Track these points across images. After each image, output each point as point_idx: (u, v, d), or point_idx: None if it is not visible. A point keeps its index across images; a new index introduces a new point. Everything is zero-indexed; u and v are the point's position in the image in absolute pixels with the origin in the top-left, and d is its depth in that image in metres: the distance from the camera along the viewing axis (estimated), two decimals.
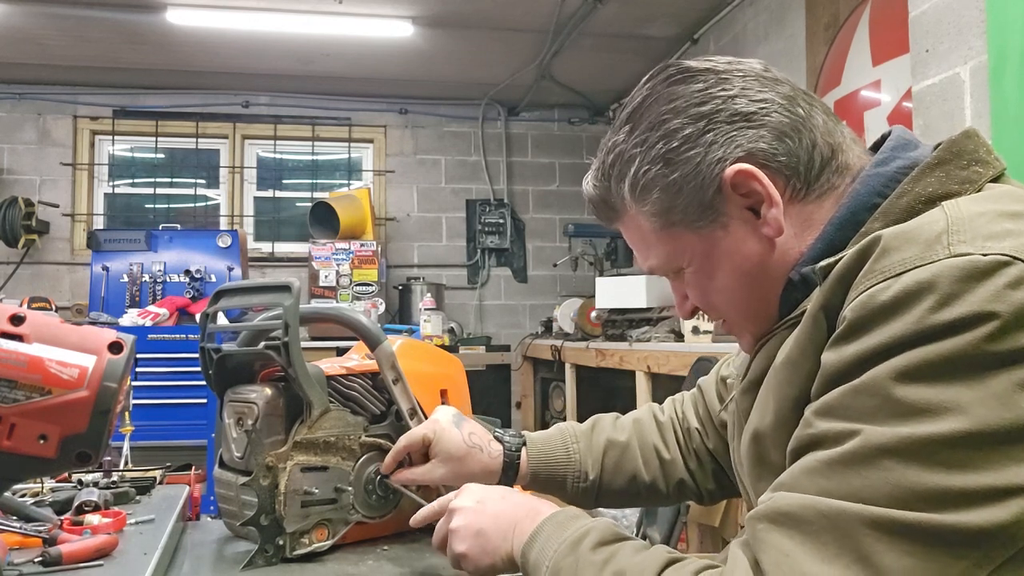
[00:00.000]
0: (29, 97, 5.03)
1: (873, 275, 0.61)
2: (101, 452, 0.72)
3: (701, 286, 0.81)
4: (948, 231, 0.60)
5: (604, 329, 3.97)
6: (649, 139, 0.77)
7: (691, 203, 0.76)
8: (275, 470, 1.05)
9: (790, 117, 0.75)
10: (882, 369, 0.58)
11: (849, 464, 0.58)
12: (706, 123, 0.75)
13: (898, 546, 0.54)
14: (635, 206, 0.80)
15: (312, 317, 1.32)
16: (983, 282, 0.56)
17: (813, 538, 0.57)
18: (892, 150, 0.75)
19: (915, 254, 0.60)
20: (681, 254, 0.80)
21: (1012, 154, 1.58)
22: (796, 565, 0.57)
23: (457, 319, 5.36)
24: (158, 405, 3.54)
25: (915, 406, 0.56)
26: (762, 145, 0.74)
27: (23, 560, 0.93)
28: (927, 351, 0.56)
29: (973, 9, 1.70)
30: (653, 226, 0.79)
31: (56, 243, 5.03)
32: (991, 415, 0.54)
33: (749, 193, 0.74)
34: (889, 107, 2.83)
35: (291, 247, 5.37)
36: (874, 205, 0.71)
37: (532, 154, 5.71)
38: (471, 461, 1.06)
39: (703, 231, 0.77)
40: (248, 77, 5.06)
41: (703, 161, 0.74)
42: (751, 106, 0.75)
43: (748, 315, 0.81)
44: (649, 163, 0.77)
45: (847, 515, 0.56)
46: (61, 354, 0.69)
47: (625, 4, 3.92)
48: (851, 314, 0.61)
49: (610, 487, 1.10)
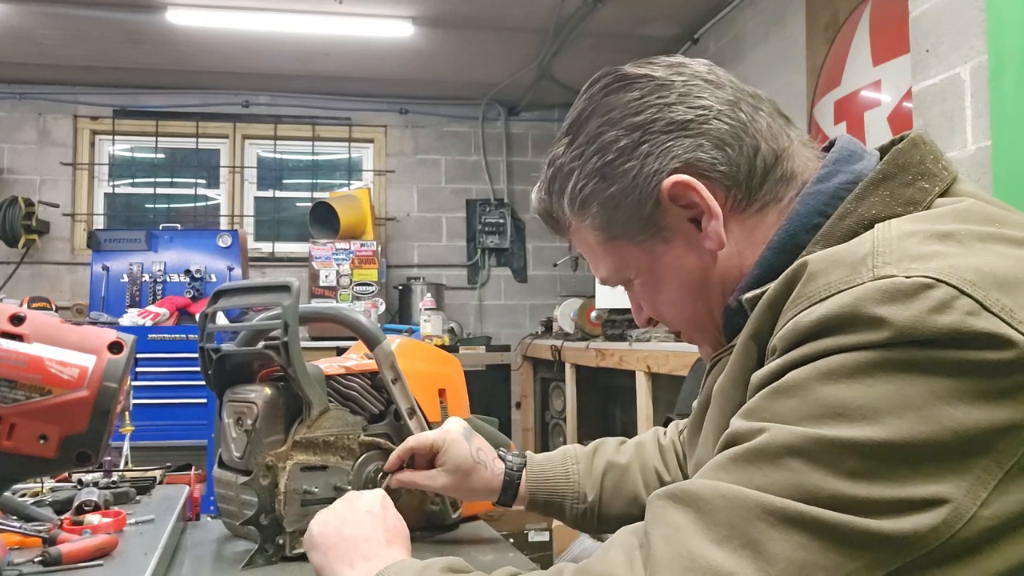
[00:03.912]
0: (29, 97, 5.03)
1: (800, 300, 0.60)
2: (101, 452, 0.72)
3: (649, 298, 0.80)
4: (873, 252, 0.59)
5: (604, 329, 3.97)
6: (585, 153, 0.74)
7: (631, 217, 0.74)
8: (275, 469, 1.05)
9: (730, 124, 0.71)
10: (804, 371, 0.57)
11: (753, 460, 0.56)
12: (641, 134, 0.72)
13: (791, 537, 0.53)
14: (576, 220, 0.78)
15: (311, 317, 1.33)
16: (906, 303, 0.54)
17: (707, 517, 0.56)
18: (835, 163, 0.71)
19: (839, 277, 0.58)
20: (627, 267, 0.78)
21: (1012, 154, 1.58)
22: (684, 540, 0.56)
23: (457, 319, 5.36)
24: (158, 405, 3.54)
25: (831, 408, 0.54)
26: (700, 155, 0.71)
27: (23, 560, 0.93)
28: (849, 357, 0.55)
29: (973, 9, 1.70)
30: (597, 239, 0.78)
31: (56, 243, 5.03)
32: (906, 427, 0.52)
33: (689, 204, 0.72)
34: (889, 107, 2.83)
35: (291, 247, 5.37)
36: (815, 226, 0.68)
37: (532, 154, 5.71)
38: (475, 476, 1.06)
39: (645, 244, 0.75)
40: (248, 77, 5.06)
41: (639, 174, 0.72)
42: (688, 114, 0.71)
43: (698, 327, 0.79)
44: (586, 178, 0.75)
45: (746, 500, 0.55)
46: (61, 354, 0.69)
47: (625, 4, 3.91)
48: (780, 343, 0.60)
49: (610, 510, 1.08)
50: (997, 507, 0.52)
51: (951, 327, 0.53)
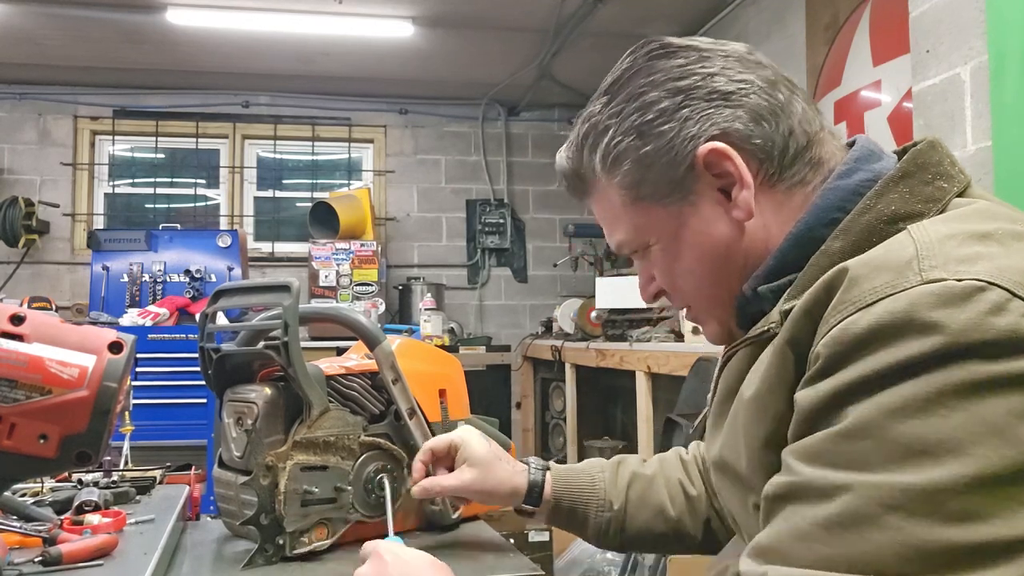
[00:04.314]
0: (29, 97, 5.03)
1: (844, 306, 0.58)
2: (101, 452, 0.72)
3: (667, 266, 0.79)
4: (918, 256, 0.58)
5: (604, 329, 3.97)
6: (625, 110, 0.75)
7: (662, 178, 0.74)
8: (275, 469, 1.05)
9: (769, 101, 0.73)
10: (869, 408, 0.54)
11: (849, 526, 0.52)
12: (683, 98, 0.73)
13: None
14: (606, 177, 0.78)
15: (312, 317, 1.33)
16: (960, 307, 0.53)
17: None
18: (855, 161, 0.72)
19: (886, 281, 0.57)
20: (649, 230, 0.77)
21: (1012, 154, 1.58)
22: None
23: (457, 319, 5.35)
24: (158, 405, 3.54)
25: (911, 448, 0.52)
26: (738, 126, 0.72)
27: (23, 560, 0.93)
28: (915, 386, 0.52)
29: (973, 9, 1.70)
30: (623, 199, 0.77)
31: (56, 243, 5.03)
32: (993, 455, 0.50)
33: (721, 174, 0.73)
34: (889, 107, 2.83)
35: (291, 247, 5.37)
36: (833, 220, 0.69)
37: (532, 154, 5.71)
38: (498, 468, 1.04)
39: (672, 208, 0.75)
40: (248, 77, 5.06)
41: (677, 136, 0.73)
42: (730, 85, 0.73)
43: (713, 301, 0.78)
44: (622, 134, 0.75)
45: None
46: (61, 354, 0.69)
47: (625, 4, 3.91)
48: (825, 350, 0.58)
49: (635, 521, 1.05)
50: None
51: (1009, 330, 0.52)
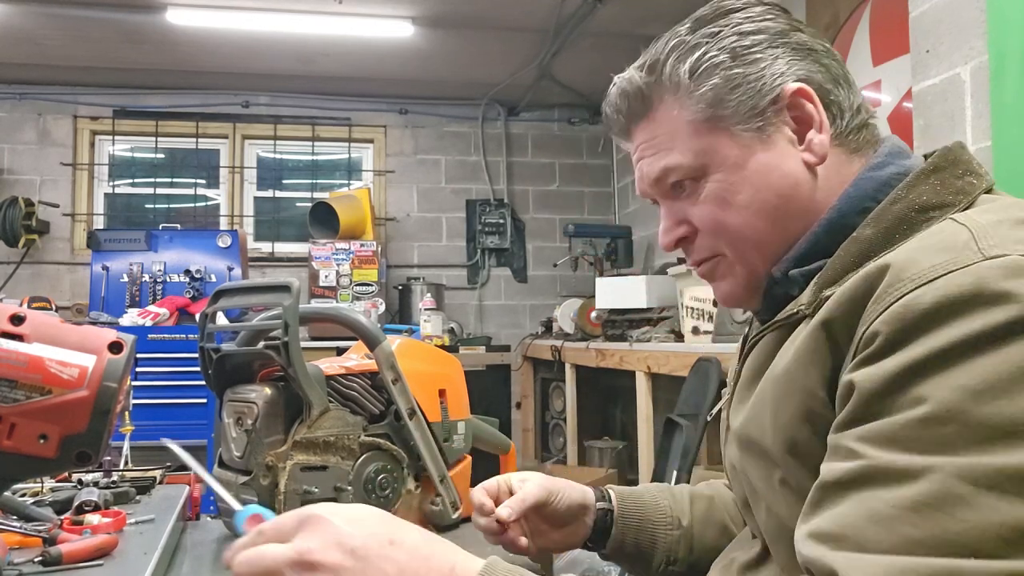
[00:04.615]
0: (29, 97, 5.03)
1: (901, 284, 0.57)
2: (101, 452, 0.72)
3: (720, 199, 0.75)
4: (975, 237, 0.58)
5: (604, 329, 3.97)
6: (723, 32, 0.76)
7: (744, 103, 0.74)
8: (275, 469, 1.05)
9: (842, 71, 0.77)
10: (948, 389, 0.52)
11: (940, 507, 0.49)
12: (777, 39, 0.76)
13: None
14: (684, 91, 0.76)
15: (312, 317, 1.33)
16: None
17: None
18: (887, 156, 0.75)
19: (947, 259, 0.56)
20: (713, 155, 0.75)
21: (1012, 154, 1.58)
22: None
23: (457, 319, 5.35)
24: (158, 405, 3.54)
25: (1001, 428, 0.49)
26: (820, 78, 0.75)
27: (23, 560, 0.93)
28: (995, 361, 0.51)
29: (973, 9, 1.70)
30: (695, 117, 0.76)
31: (56, 243, 5.02)
32: None
33: (800, 117, 0.75)
34: (889, 107, 2.83)
35: (291, 247, 5.37)
36: (865, 209, 0.70)
37: (532, 154, 5.71)
38: (559, 479, 0.99)
39: (744, 137, 0.75)
40: (248, 77, 5.06)
41: (768, 67, 0.75)
42: (816, 45, 0.77)
43: (756, 247, 0.76)
44: (718, 51, 0.76)
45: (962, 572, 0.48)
46: (61, 354, 0.69)
47: (625, 4, 3.91)
48: (885, 327, 0.56)
49: (703, 538, 1.00)
50: None
51: None
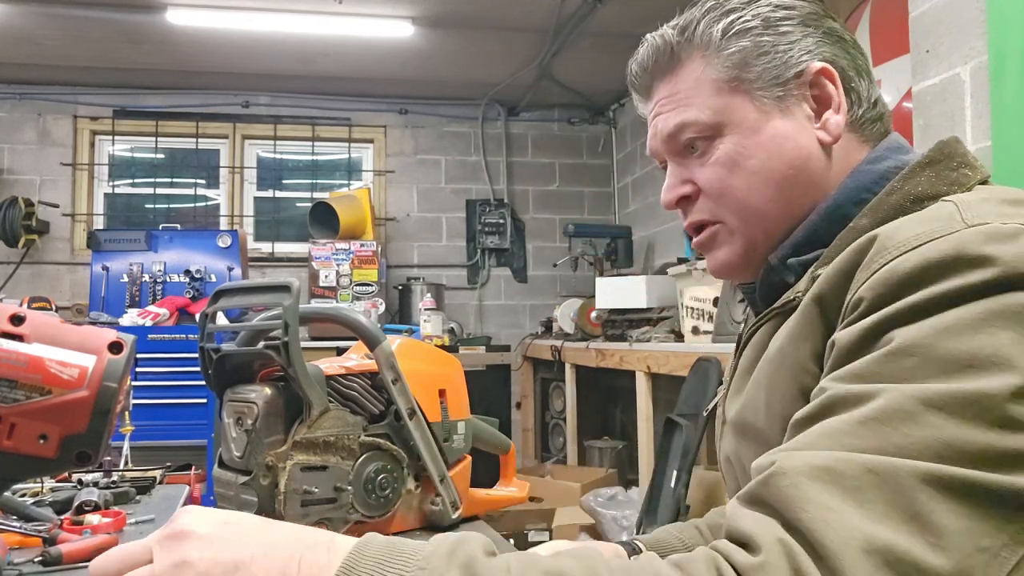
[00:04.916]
0: (29, 97, 5.03)
1: (886, 252, 0.60)
2: (101, 452, 0.72)
3: (733, 162, 0.78)
4: (959, 210, 0.61)
5: (604, 329, 3.97)
6: (761, 2, 0.80)
7: (769, 71, 0.78)
8: (275, 469, 1.05)
9: (866, 64, 0.81)
10: (917, 328, 0.54)
11: (885, 421, 0.52)
12: (810, 19, 0.79)
13: (953, 505, 0.49)
14: (713, 49, 0.79)
15: (312, 317, 1.33)
16: (1011, 243, 0.55)
17: (857, 494, 0.50)
18: (886, 150, 0.78)
19: (931, 228, 0.59)
20: (730, 114, 0.78)
21: (1012, 154, 1.58)
22: (847, 520, 0.49)
23: (457, 319, 5.35)
24: (158, 405, 3.54)
25: (959, 362, 0.52)
26: (844, 64, 0.79)
27: (23, 560, 0.93)
28: (965, 310, 0.54)
29: (973, 9, 1.70)
30: (719, 76, 0.79)
31: (56, 243, 5.02)
32: None
33: (820, 97, 0.78)
34: (889, 107, 2.82)
35: (291, 247, 5.37)
36: (862, 200, 0.73)
37: (532, 154, 5.71)
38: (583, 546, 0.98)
39: (765, 103, 0.78)
40: (248, 77, 5.06)
41: (797, 42, 0.78)
42: (845, 35, 0.81)
43: (763, 215, 0.78)
44: (752, 16, 0.79)
45: (894, 469, 0.50)
46: (61, 354, 0.69)
47: (625, 4, 3.91)
48: (869, 292, 0.59)
49: None
50: None
51: None
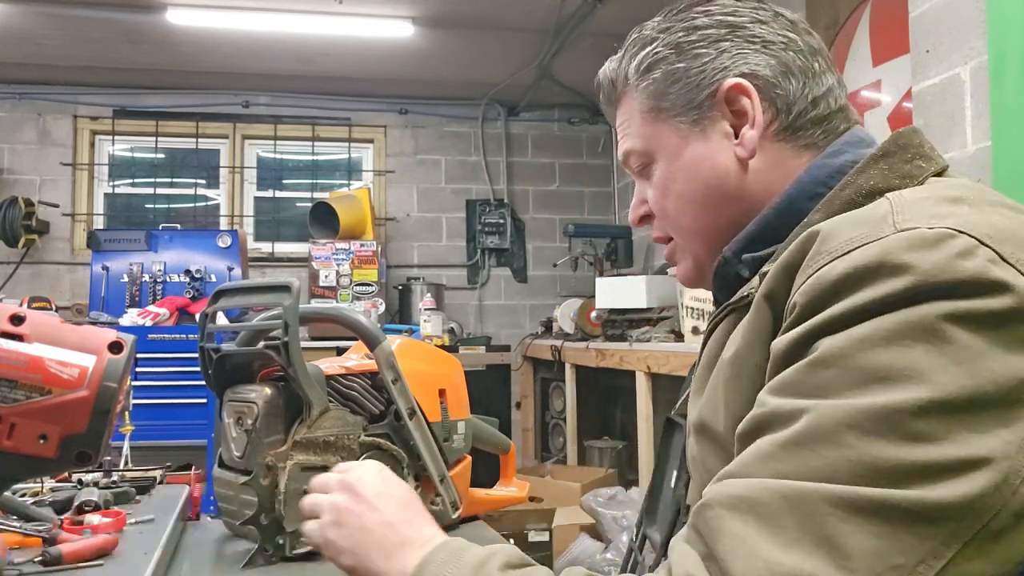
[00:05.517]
0: (29, 97, 5.03)
1: (820, 257, 0.61)
2: (101, 452, 0.72)
3: (664, 186, 0.82)
4: (892, 212, 0.61)
5: (604, 329, 3.97)
6: (673, 28, 0.81)
7: (683, 96, 0.79)
8: (275, 469, 1.05)
9: (803, 63, 0.78)
10: (838, 339, 0.56)
11: (804, 443, 0.55)
12: (727, 32, 0.79)
13: (863, 526, 0.51)
14: (635, 81, 0.83)
15: (312, 317, 1.33)
16: (931, 250, 0.56)
17: (771, 521, 0.53)
18: (844, 144, 0.77)
19: (862, 233, 0.60)
20: (656, 144, 0.82)
21: (1012, 154, 1.58)
22: (754, 550, 0.53)
23: (457, 319, 5.35)
24: (158, 405, 3.54)
25: (874, 373, 0.54)
26: (766, 72, 0.77)
27: (23, 560, 0.93)
28: (884, 320, 0.55)
29: (973, 9, 1.70)
30: (642, 107, 0.82)
31: (56, 243, 5.02)
32: (952, 383, 0.52)
33: (737, 111, 0.78)
34: (889, 107, 2.83)
35: (291, 247, 5.37)
36: (816, 195, 0.73)
37: (532, 154, 5.70)
38: None
39: (682, 128, 0.80)
40: (248, 77, 5.05)
41: (710, 63, 0.78)
42: (773, 36, 0.79)
43: (694, 234, 0.82)
44: (664, 46, 0.81)
45: (806, 495, 0.53)
46: (61, 354, 0.69)
47: (625, 4, 3.91)
48: (801, 298, 0.60)
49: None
50: None
51: (976, 272, 0.54)
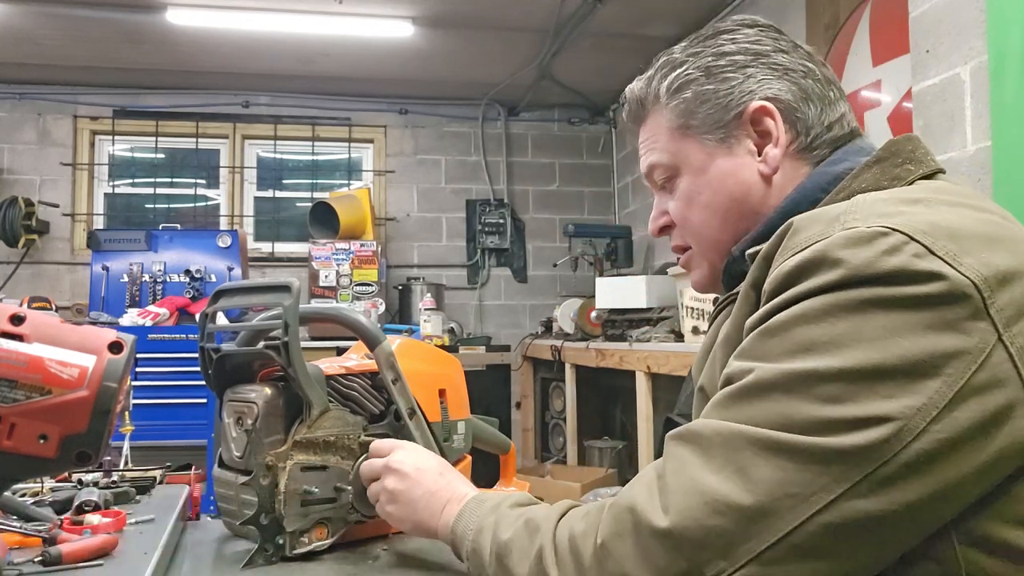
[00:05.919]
0: (29, 97, 5.03)
1: (786, 252, 0.70)
2: (101, 452, 0.72)
3: (689, 197, 0.90)
4: (847, 212, 0.69)
5: (604, 329, 3.97)
6: (704, 52, 0.89)
7: (711, 116, 0.87)
8: (275, 469, 1.05)
9: (820, 90, 0.87)
10: (781, 315, 0.67)
11: (744, 396, 0.67)
12: (753, 59, 0.87)
13: (771, 461, 0.63)
14: (665, 100, 0.90)
15: (312, 317, 1.33)
16: (863, 247, 0.64)
17: (707, 452, 0.67)
18: (844, 152, 0.85)
19: (816, 231, 0.69)
20: (683, 157, 0.90)
21: (1012, 154, 1.58)
22: (689, 472, 0.67)
23: (457, 319, 5.35)
24: (158, 405, 3.54)
25: (803, 345, 0.65)
26: (788, 97, 0.86)
27: (23, 560, 0.93)
28: (816, 300, 0.65)
29: (973, 9, 1.70)
30: (671, 124, 0.90)
31: (56, 243, 5.03)
32: (862, 356, 0.62)
33: (762, 131, 0.86)
34: (889, 107, 2.83)
35: (291, 247, 5.37)
36: (816, 200, 0.81)
37: (532, 154, 5.71)
38: None
39: (709, 145, 0.88)
40: (248, 77, 5.06)
41: (738, 86, 0.86)
42: (795, 64, 0.87)
43: (713, 244, 0.90)
44: (695, 69, 0.88)
45: (735, 434, 0.66)
46: (61, 354, 0.69)
47: (625, 4, 3.91)
48: (768, 286, 0.71)
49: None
50: (947, 423, 0.61)
51: (899, 266, 0.63)
